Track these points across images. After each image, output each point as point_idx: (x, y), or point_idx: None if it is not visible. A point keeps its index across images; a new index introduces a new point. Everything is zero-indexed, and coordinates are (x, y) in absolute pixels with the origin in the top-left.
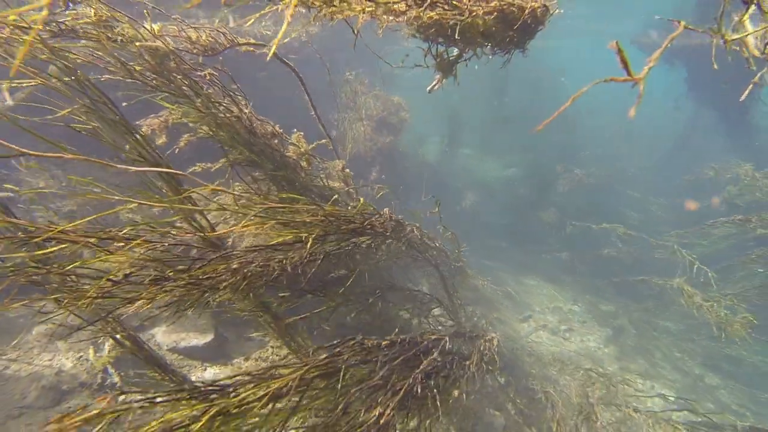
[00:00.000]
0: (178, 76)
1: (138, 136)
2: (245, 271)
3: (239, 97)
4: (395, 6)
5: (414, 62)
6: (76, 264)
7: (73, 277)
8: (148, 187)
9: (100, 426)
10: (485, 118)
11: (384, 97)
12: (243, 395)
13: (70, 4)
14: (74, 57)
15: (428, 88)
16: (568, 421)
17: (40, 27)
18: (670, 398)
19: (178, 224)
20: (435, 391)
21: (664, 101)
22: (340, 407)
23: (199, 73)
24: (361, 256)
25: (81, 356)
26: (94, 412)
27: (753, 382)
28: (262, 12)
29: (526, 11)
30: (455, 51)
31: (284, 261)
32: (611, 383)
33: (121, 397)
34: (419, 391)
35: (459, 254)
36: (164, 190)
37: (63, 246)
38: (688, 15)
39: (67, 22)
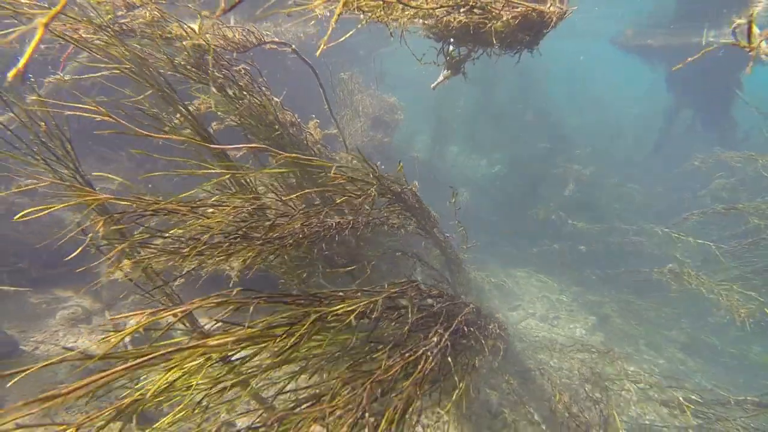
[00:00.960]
0: (214, 70)
1: (192, 118)
2: (306, 230)
3: (265, 89)
4: (435, 11)
5: (415, 60)
6: (180, 229)
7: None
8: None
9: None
10: (473, 116)
11: (379, 97)
12: (338, 308)
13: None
14: (132, 51)
15: (432, 85)
16: (565, 395)
17: (111, 27)
18: (650, 381)
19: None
20: (477, 334)
21: (646, 100)
22: (406, 329)
23: (235, 68)
24: (384, 234)
25: (103, 338)
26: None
27: (730, 366)
28: (305, 17)
29: (547, 16)
30: (463, 51)
31: (336, 225)
32: (603, 363)
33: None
34: (465, 330)
35: (465, 247)
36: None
37: (166, 215)
38: (669, 12)
39: (127, 23)
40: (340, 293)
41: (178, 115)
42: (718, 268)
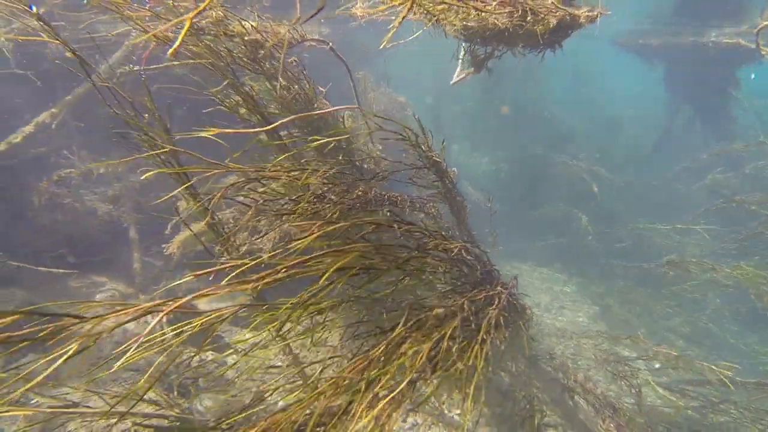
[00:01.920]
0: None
1: (254, 103)
2: (369, 197)
3: (304, 81)
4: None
5: (416, 60)
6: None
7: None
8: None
9: None
10: (474, 115)
11: (389, 95)
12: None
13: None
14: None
15: (452, 82)
16: (579, 374)
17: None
18: (653, 368)
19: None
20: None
21: (646, 99)
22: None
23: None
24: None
25: (141, 320)
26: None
27: (730, 355)
28: (323, 17)
29: (579, 19)
30: (487, 50)
31: (389, 195)
32: (608, 348)
33: None
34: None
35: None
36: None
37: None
38: (668, 12)
39: (197, 22)
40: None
41: (235, 100)
42: (728, 259)
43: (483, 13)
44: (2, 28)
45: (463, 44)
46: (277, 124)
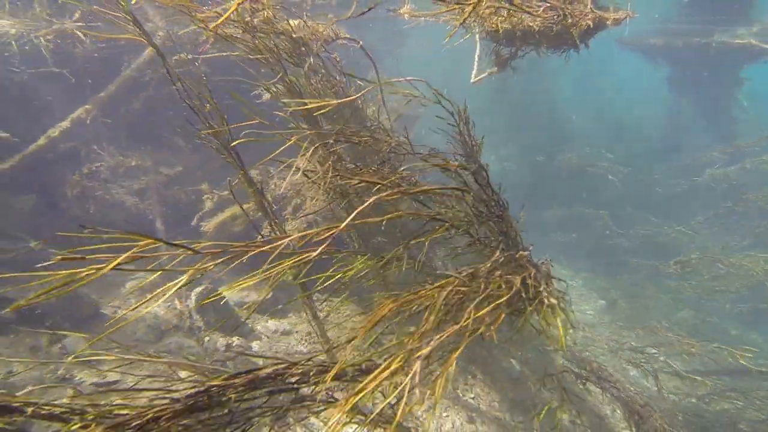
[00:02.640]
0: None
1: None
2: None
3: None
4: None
5: (420, 60)
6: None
7: None
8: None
9: None
10: (480, 113)
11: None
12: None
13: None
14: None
15: (473, 80)
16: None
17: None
18: (660, 358)
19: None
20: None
21: (650, 98)
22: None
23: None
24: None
25: (169, 305)
26: None
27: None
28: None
29: (608, 21)
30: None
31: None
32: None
33: None
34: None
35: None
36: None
37: None
38: (674, 12)
39: (249, 21)
40: None
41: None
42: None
43: (522, 16)
44: (44, 28)
45: (479, 44)
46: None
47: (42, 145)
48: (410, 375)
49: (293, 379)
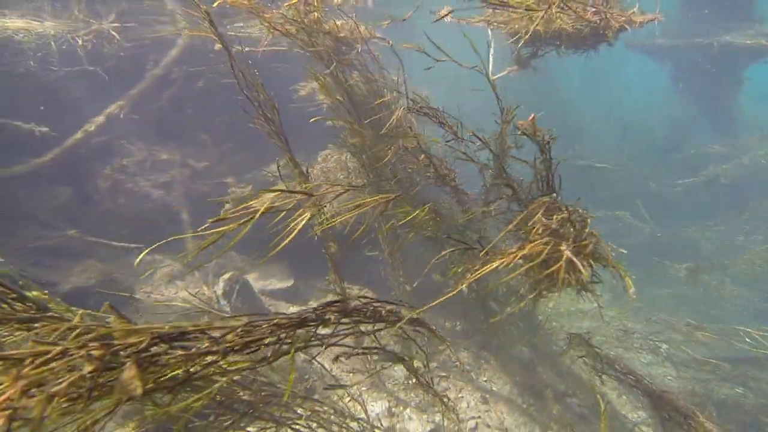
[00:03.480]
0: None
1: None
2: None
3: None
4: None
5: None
6: None
7: None
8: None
9: None
10: (486, 112)
11: (414, 90)
12: None
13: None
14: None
15: (494, 77)
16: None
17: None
18: (663, 346)
19: None
20: None
21: (655, 98)
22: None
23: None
24: None
25: (197, 291)
26: None
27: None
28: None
29: (637, 23)
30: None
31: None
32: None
33: None
34: None
35: None
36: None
37: None
38: (676, 13)
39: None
40: None
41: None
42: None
43: (558, 19)
44: (82, 30)
45: (492, 44)
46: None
47: (79, 139)
48: None
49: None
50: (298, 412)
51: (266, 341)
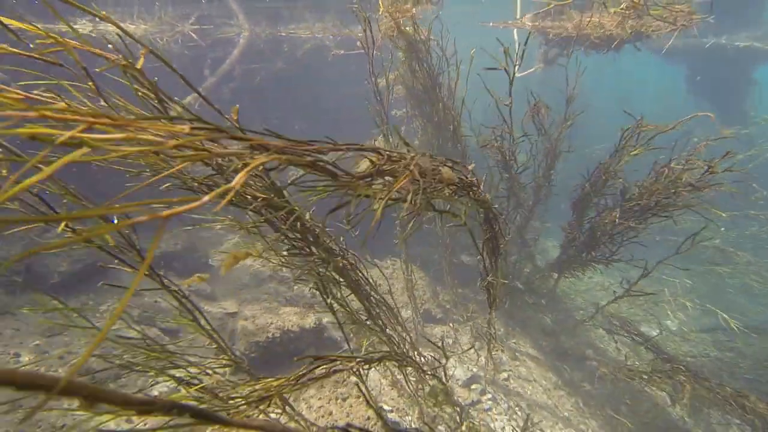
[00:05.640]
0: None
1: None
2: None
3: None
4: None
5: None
6: None
7: None
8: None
9: None
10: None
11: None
12: None
13: None
14: None
15: (520, 75)
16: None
17: None
18: (672, 328)
19: None
20: None
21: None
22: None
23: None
24: None
25: (263, 262)
26: None
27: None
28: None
29: (674, 27)
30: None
31: None
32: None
33: None
34: None
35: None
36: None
37: None
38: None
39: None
40: None
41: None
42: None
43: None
44: (167, 32)
45: (517, 40)
46: None
47: None
48: None
49: None
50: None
51: None
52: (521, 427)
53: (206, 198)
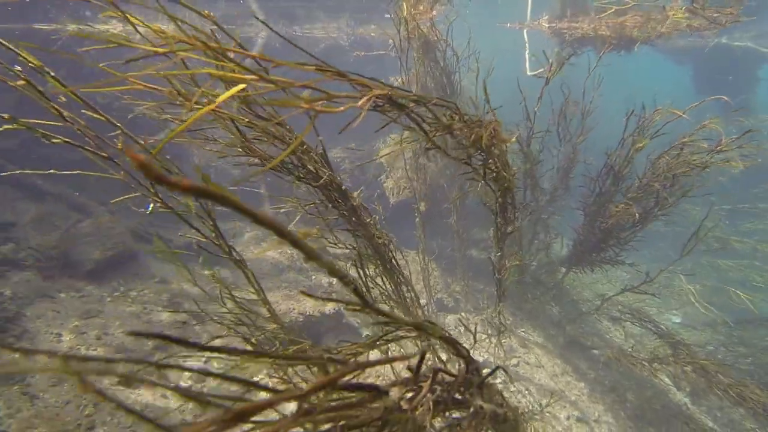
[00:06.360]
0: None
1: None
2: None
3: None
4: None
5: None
6: None
7: None
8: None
9: None
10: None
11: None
12: None
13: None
14: None
15: (533, 74)
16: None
17: None
18: (676, 321)
19: None
20: None
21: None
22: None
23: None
24: None
25: (281, 251)
26: None
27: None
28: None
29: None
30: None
31: None
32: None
33: None
34: None
35: None
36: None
37: None
38: None
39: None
40: None
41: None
42: None
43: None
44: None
45: (527, 44)
46: None
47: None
48: None
49: None
50: None
51: None
52: (542, 404)
53: (362, 101)
